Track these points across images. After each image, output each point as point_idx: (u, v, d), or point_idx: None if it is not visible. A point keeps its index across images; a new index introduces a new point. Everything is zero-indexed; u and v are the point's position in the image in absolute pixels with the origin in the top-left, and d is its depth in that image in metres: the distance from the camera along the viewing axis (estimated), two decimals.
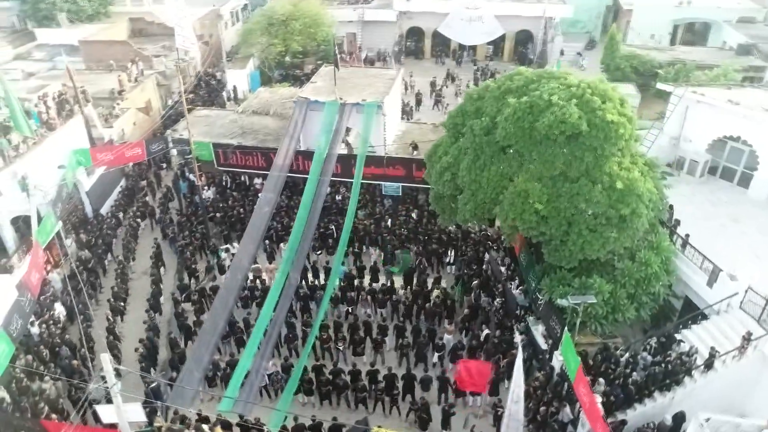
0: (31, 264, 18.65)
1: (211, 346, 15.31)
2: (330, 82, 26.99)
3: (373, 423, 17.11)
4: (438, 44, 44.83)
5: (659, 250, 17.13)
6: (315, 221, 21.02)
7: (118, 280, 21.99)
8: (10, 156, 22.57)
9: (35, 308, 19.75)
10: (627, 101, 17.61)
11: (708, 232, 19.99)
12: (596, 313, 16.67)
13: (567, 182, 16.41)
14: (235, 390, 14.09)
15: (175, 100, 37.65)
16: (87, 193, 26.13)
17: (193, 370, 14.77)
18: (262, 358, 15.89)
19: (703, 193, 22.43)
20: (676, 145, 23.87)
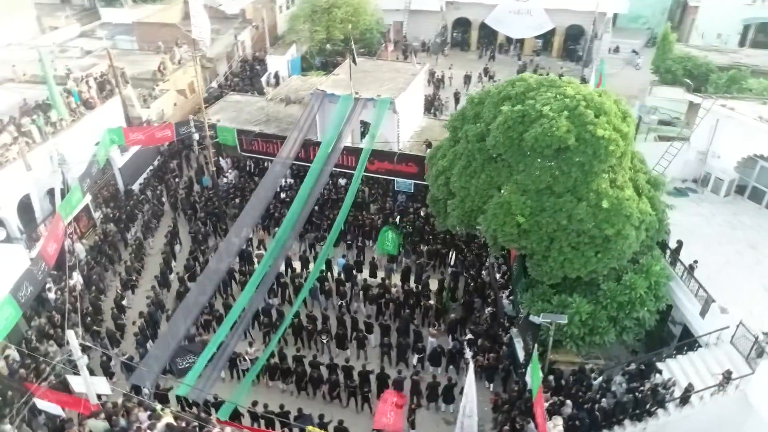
0: (50, 235, 20.24)
1: (180, 329, 16.13)
2: (355, 74, 27.16)
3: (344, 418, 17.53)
4: (484, 36, 43.82)
5: (648, 274, 16.33)
6: (309, 211, 21.42)
7: (132, 255, 23.40)
8: (48, 133, 24.42)
9: (55, 275, 21.54)
10: (631, 116, 16.87)
11: (719, 257, 18.87)
12: (572, 333, 16.21)
13: (552, 197, 15.94)
14: (195, 375, 14.84)
15: (219, 83, 39.26)
16: (120, 169, 27.85)
17: (158, 349, 15.69)
18: (229, 343, 16.51)
19: (725, 214, 21.05)
20: (703, 160, 22.45)
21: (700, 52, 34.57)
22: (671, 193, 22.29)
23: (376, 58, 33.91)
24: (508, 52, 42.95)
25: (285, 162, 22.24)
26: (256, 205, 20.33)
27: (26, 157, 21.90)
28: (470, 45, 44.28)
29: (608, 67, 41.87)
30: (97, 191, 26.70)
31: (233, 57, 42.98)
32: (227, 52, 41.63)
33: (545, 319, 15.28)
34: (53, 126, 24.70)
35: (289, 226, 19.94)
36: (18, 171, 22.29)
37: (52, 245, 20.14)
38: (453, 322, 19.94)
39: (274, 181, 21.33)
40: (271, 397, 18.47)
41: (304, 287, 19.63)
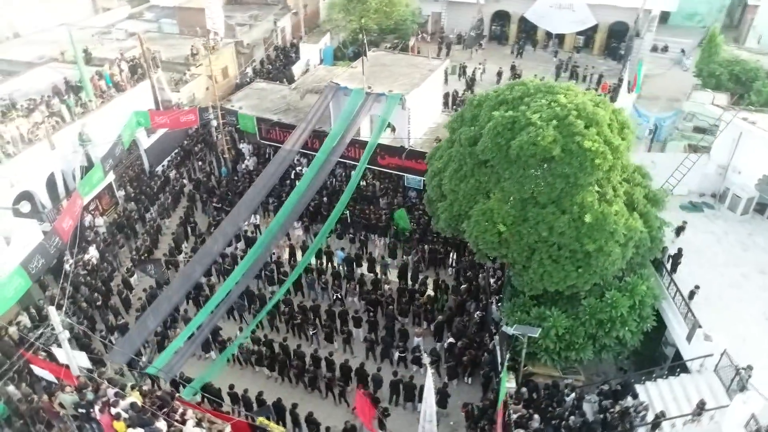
0: (66, 211, 21.49)
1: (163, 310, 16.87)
2: (372, 67, 27.28)
3: (322, 409, 17.97)
4: (523, 31, 42.63)
5: (632, 293, 15.75)
6: (308, 200, 21.77)
7: (144, 234, 24.52)
8: (77, 113, 25.79)
9: (74, 249, 22.89)
10: (630, 127, 16.19)
11: (723, 279, 17.98)
12: (547, 347, 15.90)
13: (536, 207, 15.61)
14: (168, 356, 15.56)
15: (254, 69, 40.07)
16: (146, 150, 29.10)
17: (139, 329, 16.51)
18: (207, 325, 17.12)
19: (739, 234, 19.93)
20: (722, 174, 21.27)
21: (751, 56, 32.50)
22: (685, 207, 21.36)
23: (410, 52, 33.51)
24: (547, 47, 41.62)
25: (290, 152, 22.57)
26: (254, 193, 20.81)
27: (51, 137, 23.22)
28: (508, 39, 43.18)
29: (654, 67, 40.08)
30: (122, 171, 28.05)
31: (271, 43, 43.74)
32: (265, 38, 42.34)
33: (517, 331, 15.07)
34: (83, 107, 26.08)
35: (284, 214, 20.32)
36: (46, 149, 23.77)
37: (68, 221, 21.36)
38: (440, 324, 19.91)
39: (276, 171, 21.69)
40: (255, 382, 19.15)
41: (291, 275, 20.03)
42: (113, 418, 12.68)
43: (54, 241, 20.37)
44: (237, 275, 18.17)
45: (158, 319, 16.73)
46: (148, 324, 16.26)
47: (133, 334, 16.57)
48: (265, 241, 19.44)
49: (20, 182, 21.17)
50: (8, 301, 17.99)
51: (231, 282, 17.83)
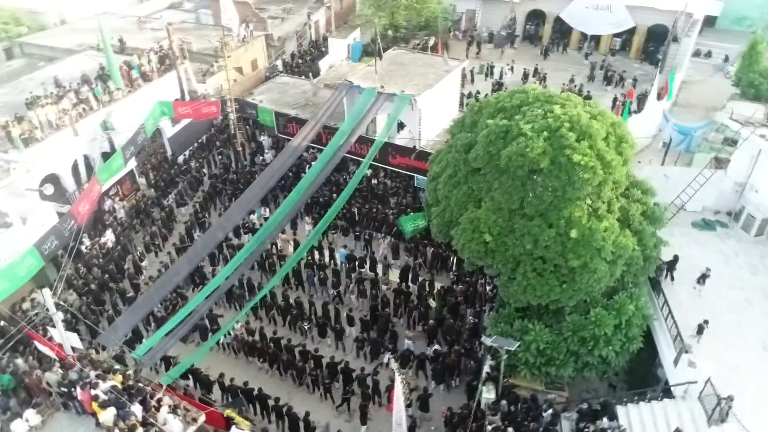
0: (83, 196, 22.52)
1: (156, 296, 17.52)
2: (390, 66, 27.33)
3: (309, 404, 18.32)
4: (558, 31, 41.56)
5: (619, 312, 15.34)
6: (310, 195, 22.07)
7: (159, 221, 25.42)
8: (104, 101, 26.90)
9: (91, 232, 24.04)
10: (629, 141, 15.71)
11: (724, 302, 17.29)
12: (527, 361, 15.70)
13: (523, 219, 15.38)
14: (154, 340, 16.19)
15: (284, 62, 40.65)
16: (169, 139, 30.06)
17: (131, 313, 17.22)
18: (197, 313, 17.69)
19: (750, 256, 19.05)
20: (740, 192, 20.33)
21: None
22: (697, 224, 20.58)
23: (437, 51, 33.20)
24: (582, 49, 40.46)
25: (297, 148, 22.91)
26: (257, 188, 21.27)
27: (74, 124, 24.32)
28: (542, 39, 42.19)
29: (694, 74, 38.54)
30: (145, 158, 29.10)
31: (303, 37, 44.21)
32: (297, 31, 42.83)
33: (494, 342, 14.97)
34: (110, 95, 27.17)
35: (286, 207, 20.69)
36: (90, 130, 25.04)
37: (85, 205, 22.39)
38: (432, 328, 19.90)
39: (281, 166, 22.09)
40: (247, 372, 19.71)
41: (284, 266, 20.39)
42: (92, 399, 13.36)
43: (69, 224, 21.39)
44: (233, 266, 18.67)
45: (149, 306, 17.40)
46: (140, 310, 16.95)
47: (124, 318, 17.30)
48: (264, 233, 19.85)
49: (37, 167, 22.08)
50: (20, 279, 19.05)
51: (225, 272, 18.34)
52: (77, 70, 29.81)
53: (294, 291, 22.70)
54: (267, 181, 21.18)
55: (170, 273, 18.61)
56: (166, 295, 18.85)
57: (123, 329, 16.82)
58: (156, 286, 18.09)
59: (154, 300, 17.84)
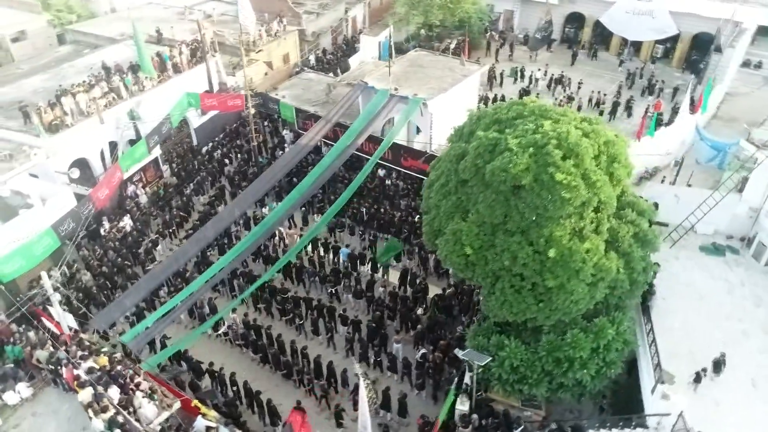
0: (103, 181, 23.75)
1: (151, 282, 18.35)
2: (409, 68, 27.36)
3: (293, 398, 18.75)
4: (598, 35, 40.27)
5: (597, 336, 14.98)
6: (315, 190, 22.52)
7: (173, 209, 26.43)
8: (134, 91, 28.11)
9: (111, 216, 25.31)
10: (622, 161, 15.25)
11: (720, 334, 16.61)
12: (500, 376, 15.57)
13: (505, 234, 15.21)
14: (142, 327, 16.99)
15: (317, 57, 41.19)
16: (195, 129, 31.15)
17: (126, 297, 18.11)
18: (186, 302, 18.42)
19: (757, 286, 18.13)
20: (754, 218, 19.34)
21: None
22: (706, 248, 19.75)
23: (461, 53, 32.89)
24: (621, 54, 39.08)
25: (308, 144, 23.35)
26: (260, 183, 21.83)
27: (100, 113, 25.55)
28: (580, 43, 40.97)
29: (740, 85, 36.55)
30: (170, 146, 30.26)
31: (339, 32, 44.59)
32: (332, 27, 43.22)
33: (466, 356, 14.95)
34: (140, 85, 28.36)
35: (289, 202, 21.18)
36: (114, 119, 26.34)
37: (104, 191, 23.63)
38: (420, 333, 19.98)
39: (288, 163, 22.58)
40: (240, 362, 20.43)
41: (281, 259, 20.87)
42: (74, 378, 14.23)
43: (87, 207, 22.62)
44: (227, 258, 19.32)
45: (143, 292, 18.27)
46: (133, 296, 17.83)
47: (117, 303, 18.21)
48: (262, 228, 20.40)
49: (65, 152, 23.25)
50: (36, 258, 20.34)
51: (220, 264, 19.02)
52: (114, 59, 31.21)
53: (296, 286, 23.21)
54: (271, 178, 21.67)
55: (167, 262, 19.40)
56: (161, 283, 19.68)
57: (115, 313, 17.72)
58: (151, 273, 18.93)
59: (148, 287, 18.69)
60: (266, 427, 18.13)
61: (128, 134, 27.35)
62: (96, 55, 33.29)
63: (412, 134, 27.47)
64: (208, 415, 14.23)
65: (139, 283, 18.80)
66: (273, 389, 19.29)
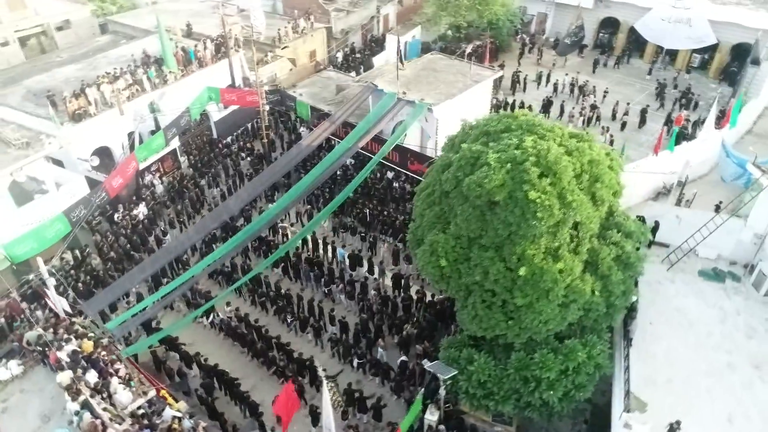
0: (117, 170, 24.78)
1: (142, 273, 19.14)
2: (422, 71, 27.30)
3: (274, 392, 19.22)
4: (631, 42, 38.93)
5: (567, 358, 14.71)
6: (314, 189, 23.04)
7: (186, 200, 27.31)
8: (157, 84, 29.15)
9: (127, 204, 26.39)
10: (605, 181, 14.88)
11: (703, 364, 16.01)
12: (467, 390, 15.52)
13: (480, 249, 15.12)
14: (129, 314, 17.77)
15: (345, 55, 41.48)
16: (215, 123, 32.02)
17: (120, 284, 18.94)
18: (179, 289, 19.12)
19: (753, 317, 17.32)
20: (758, 245, 18.46)
21: None
22: (705, 273, 19.01)
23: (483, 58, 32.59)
24: (655, 63, 37.70)
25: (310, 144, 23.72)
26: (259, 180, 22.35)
27: (120, 104, 26.64)
28: (613, 49, 39.73)
29: None
30: (189, 138, 31.24)
31: (370, 30, 44.74)
32: (363, 25, 43.40)
33: (431, 368, 14.99)
34: (163, 79, 29.39)
35: (288, 198, 21.62)
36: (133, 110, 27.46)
37: (118, 180, 24.67)
38: (405, 339, 20.06)
39: (288, 163, 23.01)
40: (229, 353, 21.06)
41: (275, 253, 21.30)
42: (56, 360, 15.07)
43: (100, 195, 23.68)
44: (225, 248, 19.96)
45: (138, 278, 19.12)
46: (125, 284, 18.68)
47: (109, 290, 19.07)
48: (256, 226, 20.92)
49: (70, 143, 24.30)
50: (48, 241, 21.46)
51: (213, 256, 19.67)
52: (145, 51, 32.40)
53: (293, 283, 23.68)
54: (271, 175, 22.16)
55: (161, 253, 20.18)
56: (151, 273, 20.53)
57: (106, 300, 18.61)
58: (145, 263, 19.74)
59: (140, 277, 19.52)
60: (246, 418, 18.64)
61: (147, 126, 28.38)
62: (129, 46, 34.56)
63: (424, 139, 27.44)
64: (174, 406, 14.83)
65: (132, 271, 19.63)
66: (258, 383, 19.89)
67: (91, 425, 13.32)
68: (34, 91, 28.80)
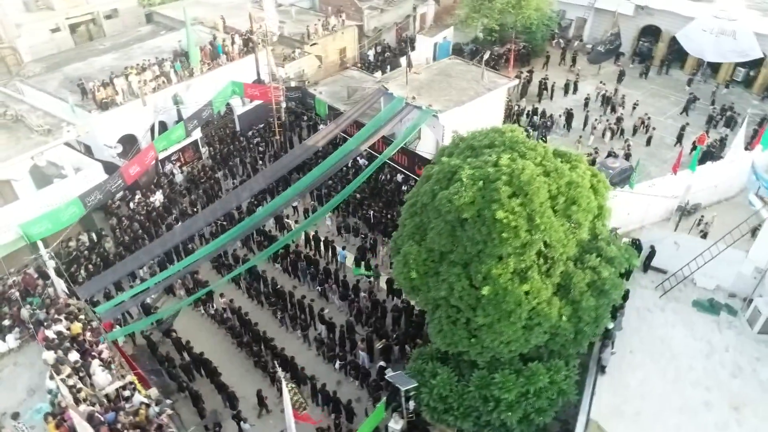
0: (136, 159, 25.89)
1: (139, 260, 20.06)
2: (436, 76, 27.18)
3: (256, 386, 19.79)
4: (675, 51, 37.26)
5: (529, 381, 14.50)
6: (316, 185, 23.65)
7: (200, 191, 28.25)
8: (184, 76, 30.20)
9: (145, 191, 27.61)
10: (581, 204, 14.52)
11: (678, 401, 15.48)
12: (428, 403, 15.55)
13: (449, 264, 15.08)
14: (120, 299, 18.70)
15: (376, 53, 41.62)
16: (239, 116, 32.90)
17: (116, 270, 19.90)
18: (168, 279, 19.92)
19: (742, 355, 16.52)
20: (758, 279, 17.53)
21: None
22: (699, 304, 18.28)
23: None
24: (696, 75, 35.97)
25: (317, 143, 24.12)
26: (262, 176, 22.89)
27: (144, 95, 27.77)
28: (653, 59, 38.14)
29: None
30: (212, 130, 32.24)
31: (405, 29, 44.63)
32: (397, 23, 43.34)
33: (392, 379, 15.13)
34: (190, 72, 30.41)
35: (291, 193, 22.13)
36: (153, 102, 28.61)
37: (135, 168, 25.78)
38: (388, 346, 20.22)
39: (291, 162, 23.46)
40: (221, 343, 21.81)
41: (272, 246, 21.82)
42: (44, 339, 16.09)
43: (117, 182, 24.86)
44: (225, 238, 20.70)
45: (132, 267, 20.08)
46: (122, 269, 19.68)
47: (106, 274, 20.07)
48: (252, 221, 21.52)
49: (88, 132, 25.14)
50: (62, 223, 22.67)
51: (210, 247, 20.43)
52: (181, 44, 33.50)
53: (291, 279, 24.20)
54: (274, 174, 22.69)
55: (160, 241, 21.09)
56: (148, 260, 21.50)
57: (101, 284, 19.64)
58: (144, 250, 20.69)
59: (137, 263, 20.47)
60: (225, 408, 19.30)
61: (172, 116, 29.46)
62: (166, 38, 35.88)
63: (437, 145, 27.34)
64: (142, 392, 15.55)
65: (130, 257, 20.61)
66: (244, 374, 20.57)
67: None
68: (71, 78, 30.38)
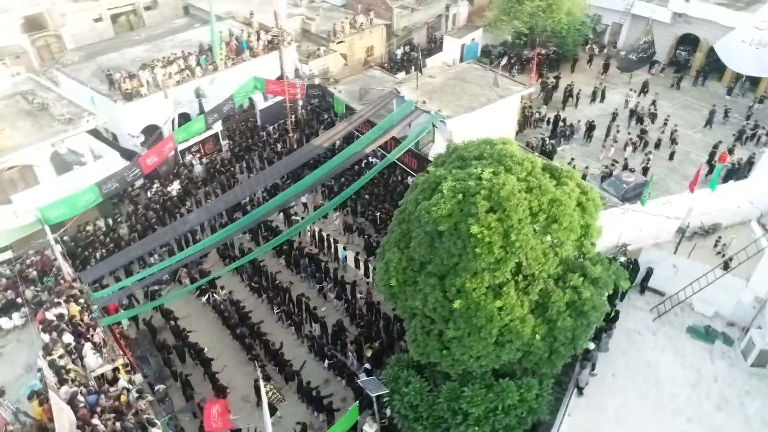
0: (154, 149, 26.82)
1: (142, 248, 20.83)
2: (450, 80, 27.00)
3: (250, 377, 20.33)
4: (713, 62, 35.66)
5: (498, 397, 14.38)
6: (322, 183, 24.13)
7: (215, 183, 29.00)
8: (208, 70, 30.99)
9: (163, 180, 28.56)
10: (563, 222, 14.28)
11: (657, 430, 15.07)
12: (399, 411, 15.64)
13: (426, 275, 15.10)
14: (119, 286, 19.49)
15: (405, 52, 41.56)
16: (260, 111, 33.53)
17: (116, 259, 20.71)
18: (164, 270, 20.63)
19: (731, 387, 15.90)
20: (757, 309, 16.79)
21: None
22: (694, 331, 17.68)
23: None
24: (732, 89, 34.38)
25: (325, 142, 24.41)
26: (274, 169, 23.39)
27: (166, 88, 28.65)
28: (690, 69, 36.65)
29: None
30: (234, 123, 33.00)
31: (437, 28, 44.34)
32: (427, 23, 43.07)
33: (363, 385, 15.30)
34: (214, 66, 31.17)
35: (299, 188, 22.56)
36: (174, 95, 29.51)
37: (153, 158, 26.71)
38: (377, 351, 20.33)
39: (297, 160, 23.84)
40: (218, 333, 22.44)
41: (275, 240, 22.28)
42: (41, 321, 16.98)
43: (134, 171, 25.84)
44: (230, 229, 21.32)
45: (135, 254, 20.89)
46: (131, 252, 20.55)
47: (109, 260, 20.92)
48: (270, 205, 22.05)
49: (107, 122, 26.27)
50: (78, 209, 23.77)
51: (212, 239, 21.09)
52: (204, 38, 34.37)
53: (292, 275, 24.63)
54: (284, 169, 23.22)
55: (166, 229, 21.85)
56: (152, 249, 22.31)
57: (106, 268, 20.53)
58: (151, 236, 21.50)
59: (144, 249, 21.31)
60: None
61: (195, 108, 30.30)
62: (197, 31, 36.76)
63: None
64: (125, 377, 16.22)
65: (137, 243, 21.46)
66: (237, 365, 21.14)
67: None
68: (103, 68, 31.59)
